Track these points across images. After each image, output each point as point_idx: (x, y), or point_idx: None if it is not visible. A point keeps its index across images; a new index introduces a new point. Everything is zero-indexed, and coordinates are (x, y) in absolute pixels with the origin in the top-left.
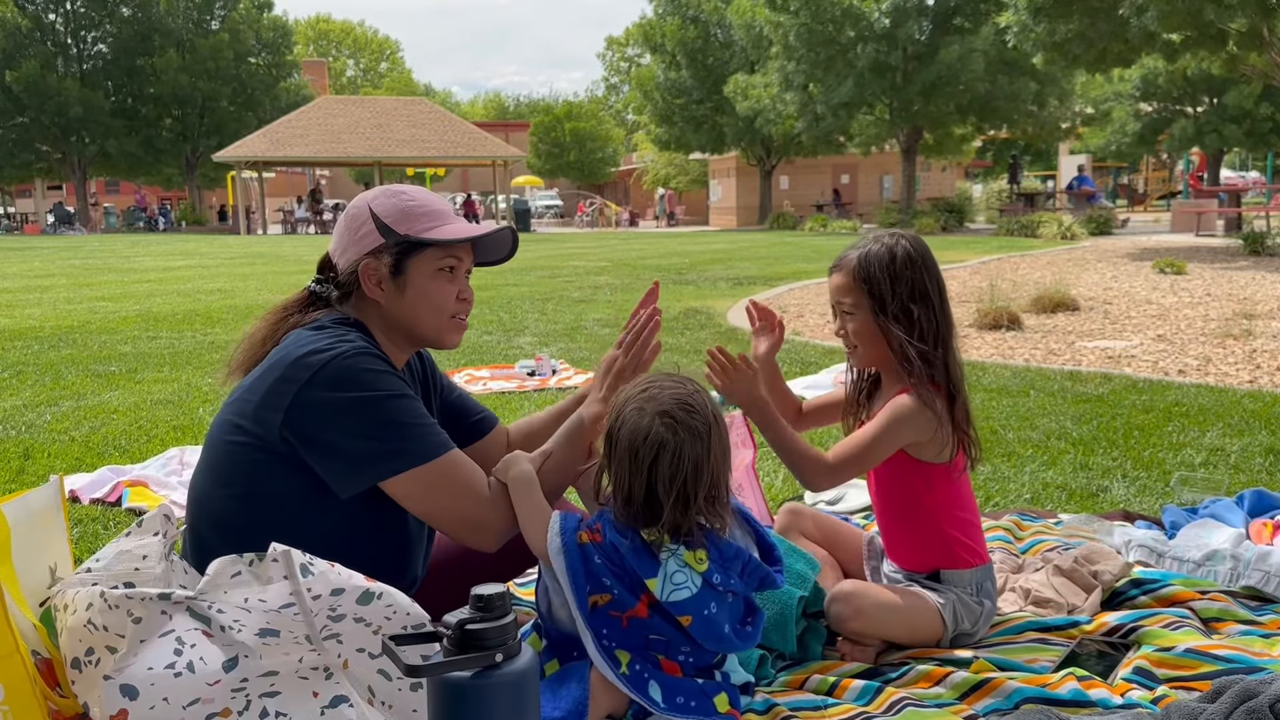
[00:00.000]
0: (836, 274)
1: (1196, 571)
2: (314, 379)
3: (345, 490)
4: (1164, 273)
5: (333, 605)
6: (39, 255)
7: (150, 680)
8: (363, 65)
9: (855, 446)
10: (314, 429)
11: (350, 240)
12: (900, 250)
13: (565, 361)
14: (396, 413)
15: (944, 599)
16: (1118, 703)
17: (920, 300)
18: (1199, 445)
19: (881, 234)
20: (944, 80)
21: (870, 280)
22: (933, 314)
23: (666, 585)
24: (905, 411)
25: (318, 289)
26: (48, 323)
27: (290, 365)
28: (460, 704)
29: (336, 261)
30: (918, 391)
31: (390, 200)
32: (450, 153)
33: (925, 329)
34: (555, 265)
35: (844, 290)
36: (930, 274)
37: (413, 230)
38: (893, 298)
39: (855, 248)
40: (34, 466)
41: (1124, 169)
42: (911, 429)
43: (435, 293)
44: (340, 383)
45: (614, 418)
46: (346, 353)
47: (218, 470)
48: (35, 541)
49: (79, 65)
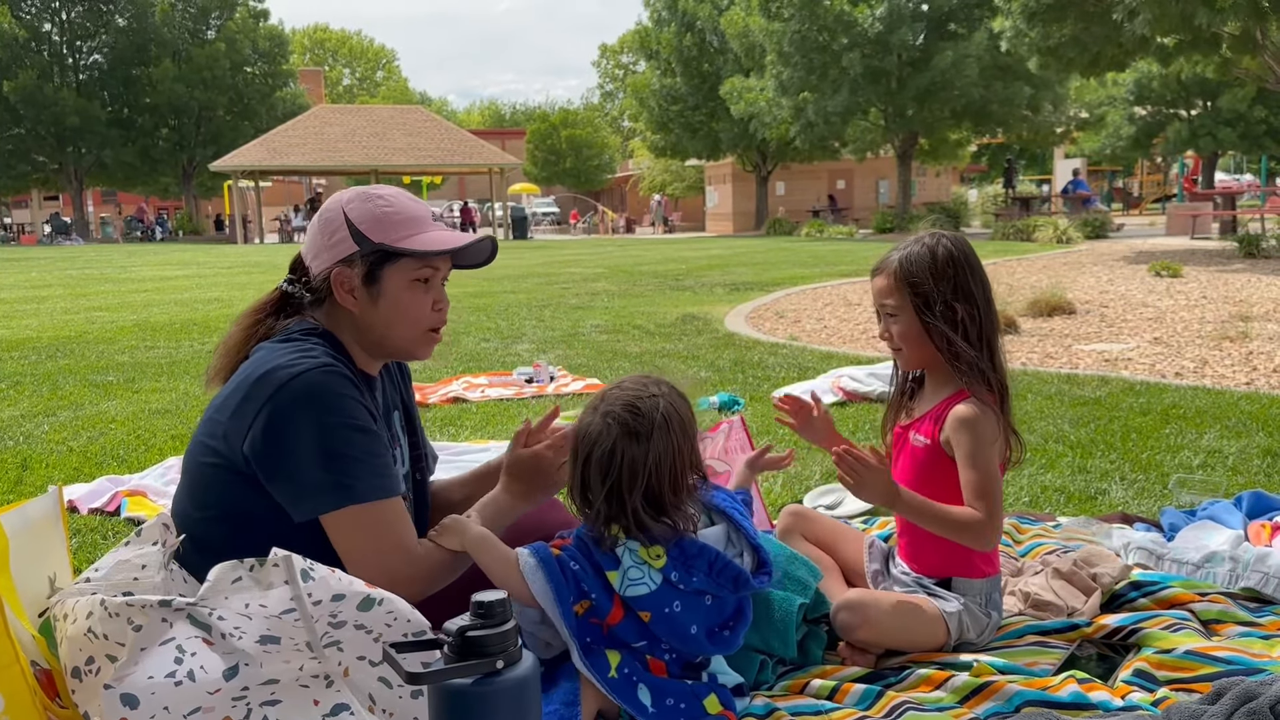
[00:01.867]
0: (879, 276)
1: (1195, 573)
2: (273, 398)
3: (296, 516)
4: (1160, 275)
5: (333, 611)
6: (36, 265)
7: (151, 689)
8: (359, 74)
9: (980, 485)
10: (267, 452)
11: (324, 245)
12: (942, 250)
13: (563, 368)
14: (347, 445)
15: (952, 608)
16: (1118, 705)
17: (964, 299)
18: (1197, 447)
19: (923, 235)
20: (938, 86)
21: (913, 281)
22: (977, 312)
23: (624, 580)
24: (979, 421)
25: (289, 289)
26: (45, 333)
27: (253, 384)
28: (462, 711)
29: (309, 264)
30: (976, 395)
31: (366, 205)
32: (447, 161)
33: (970, 328)
34: (552, 272)
35: (887, 292)
36: (974, 272)
37: (388, 239)
38: (937, 297)
39: (897, 249)
40: (32, 477)
41: (1119, 172)
42: (991, 433)
43: (410, 304)
44: (297, 405)
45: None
46: (308, 370)
47: (195, 492)
48: (34, 552)
49: (75, 75)
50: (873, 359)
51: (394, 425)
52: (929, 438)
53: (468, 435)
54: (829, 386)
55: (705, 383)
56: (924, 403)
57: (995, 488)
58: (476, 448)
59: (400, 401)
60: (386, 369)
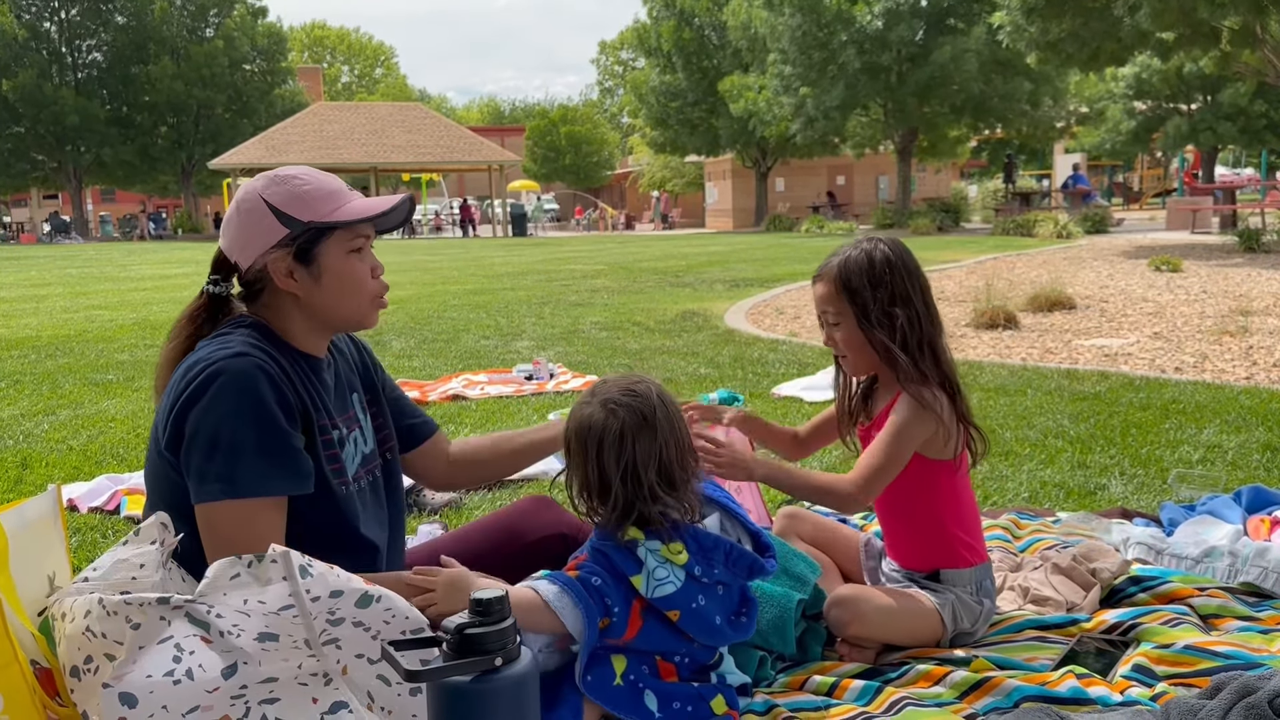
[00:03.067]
0: (819, 284)
1: (1195, 568)
2: (186, 390)
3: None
4: (1160, 270)
5: (331, 608)
6: (35, 264)
7: (149, 688)
8: (357, 71)
9: (874, 461)
10: (172, 439)
11: (249, 236)
12: (879, 255)
13: (563, 365)
14: (236, 437)
15: (943, 599)
16: (1117, 700)
17: (902, 303)
18: (1196, 442)
19: (860, 240)
20: (938, 81)
21: (851, 288)
22: (915, 316)
23: (650, 581)
24: (908, 415)
25: (214, 290)
26: (45, 332)
27: (179, 375)
28: (460, 708)
29: (235, 259)
30: (913, 392)
31: (283, 188)
32: (446, 158)
33: (910, 332)
34: (552, 269)
35: (827, 299)
36: (911, 276)
37: (316, 215)
38: (874, 303)
39: (835, 255)
40: (32, 476)
41: (1119, 167)
42: (919, 429)
43: (351, 275)
44: (200, 394)
45: (568, 420)
46: (218, 360)
47: (152, 496)
48: (33, 551)
49: (74, 74)
50: None
51: (351, 405)
52: None
53: (467, 432)
54: (828, 383)
55: (705, 379)
56: (880, 401)
57: (883, 469)
58: None
59: (360, 381)
60: (341, 351)
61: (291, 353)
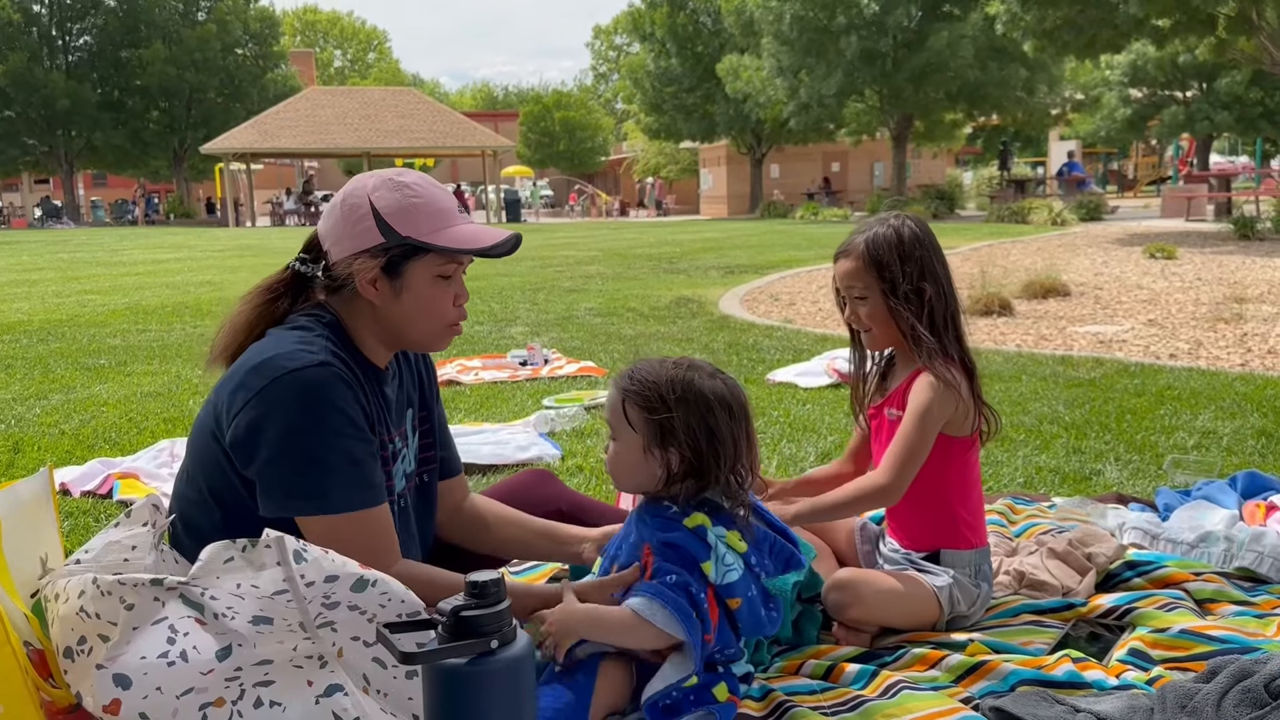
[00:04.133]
0: (844, 260)
1: (1190, 553)
2: (265, 390)
3: (263, 510)
4: (1154, 258)
5: (327, 592)
6: (27, 249)
7: (143, 669)
8: (350, 56)
9: (903, 447)
10: (248, 441)
11: (346, 233)
12: (907, 231)
13: (557, 351)
14: (327, 451)
15: (942, 581)
16: (1113, 683)
17: (930, 279)
18: (1191, 428)
19: (885, 216)
20: (934, 67)
21: (880, 263)
22: (942, 292)
23: (719, 567)
24: (932, 394)
25: (302, 269)
26: (36, 316)
27: (249, 371)
28: (456, 690)
29: (328, 249)
30: (934, 370)
31: (394, 195)
32: (440, 143)
33: (936, 307)
34: (546, 255)
35: (854, 275)
36: (936, 253)
37: (417, 233)
38: (903, 278)
39: (860, 232)
40: (24, 460)
41: (1114, 155)
42: (943, 408)
43: (433, 299)
44: (285, 401)
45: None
46: (304, 366)
47: (193, 471)
48: (26, 532)
49: (65, 57)
50: None
51: (405, 422)
52: (901, 410)
53: (462, 418)
54: (823, 369)
55: None
56: (896, 379)
57: (913, 454)
58: (470, 430)
59: (420, 399)
60: (408, 364)
61: (361, 360)
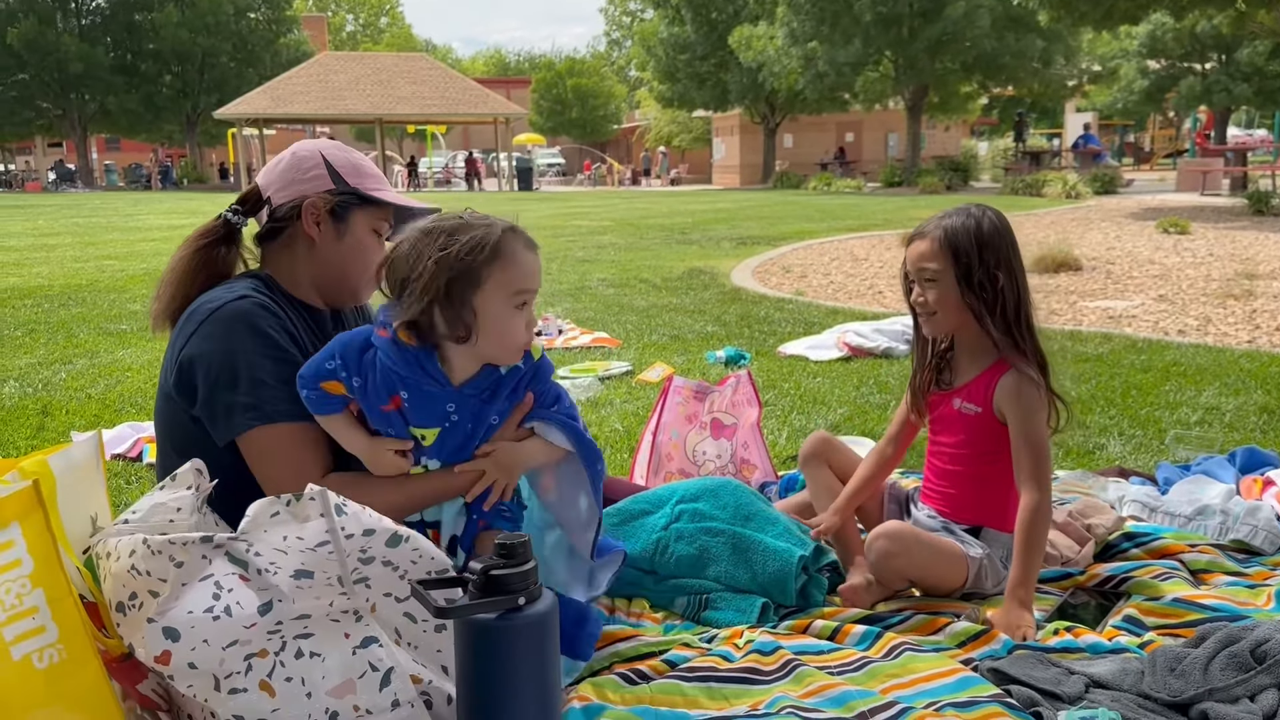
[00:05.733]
0: (921, 241)
1: (1188, 526)
2: (196, 331)
3: (218, 441)
4: (1167, 232)
5: (363, 546)
6: (42, 213)
7: (191, 623)
8: (362, 20)
9: (1030, 459)
10: (186, 379)
11: (295, 178)
12: (988, 222)
13: (571, 321)
14: (254, 369)
15: (976, 553)
16: (1107, 646)
17: (1006, 271)
18: (1195, 404)
19: (968, 207)
20: (950, 37)
21: (958, 247)
22: (1015, 286)
23: None
24: (1031, 397)
25: (231, 218)
26: (56, 281)
27: (181, 326)
28: (486, 644)
29: (269, 195)
30: (1018, 367)
31: (342, 154)
32: (452, 110)
33: (1009, 299)
34: (558, 225)
35: (929, 256)
36: (1014, 249)
37: (362, 186)
38: (979, 266)
39: (940, 216)
40: (53, 423)
41: (1130, 127)
42: (1042, 404)
43: (368, 249)
44: (214, 334)
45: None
46: (227, 302)
47: (164, 443)
48: (78, 492)
49: (78, 20)
50: (878, 314)
51: None
52: (980, 405)
53: None
54: (834, 342)
55: (712, 337)
56: (964, 370)
57: (1046, 461)
58: None
59: None
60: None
61: (295, 302)
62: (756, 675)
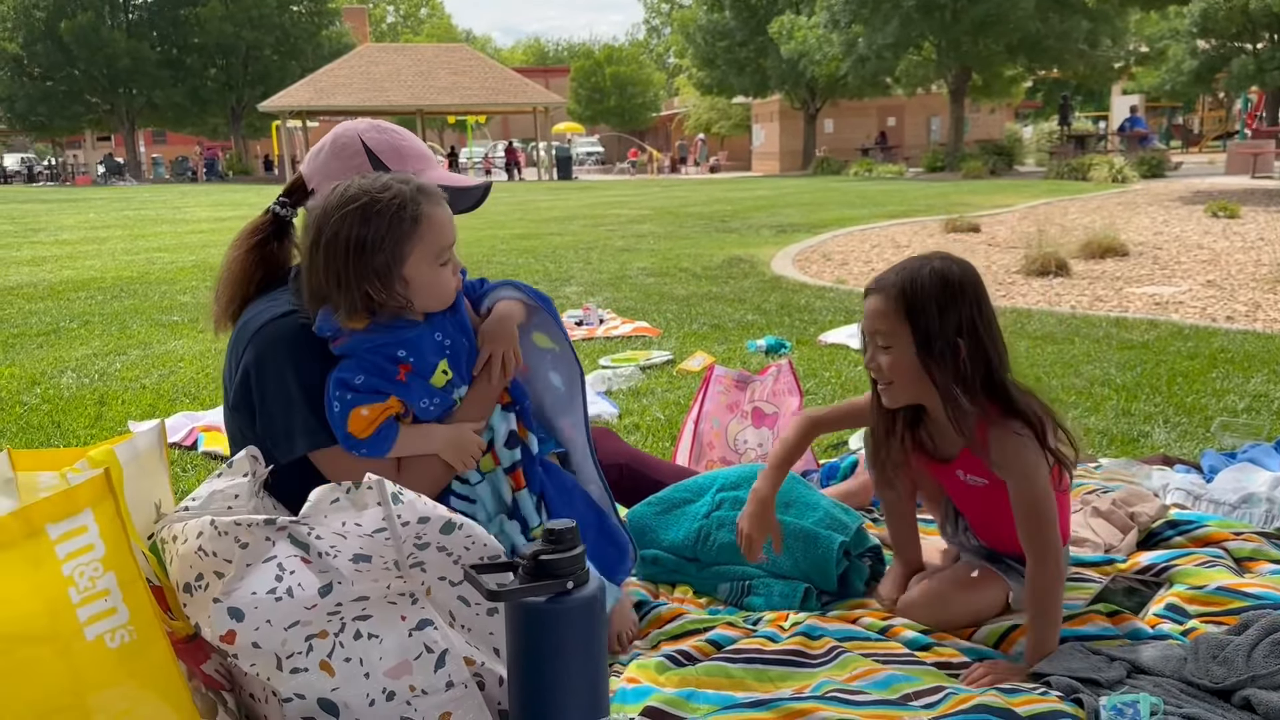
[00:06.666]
0: (874, 297)
1: (1232, 514)
2: (244, 353)
3: (279, 457)
4: (1217, 216)
5: (419, 533)
6: (93, 206)
7: (254, 604)
8: (402, 11)
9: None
10: (246, 396)
11: (338, 168)
12: (952, 275)
13: (612, 311)
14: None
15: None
16: (1150, 633)
17: (970, 337)
18: (1242, 391)
19: (930, 256)
20: (993, 19)
21: (914, 308)
22: (984, 351)
23: None
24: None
25: (280, 211)
26: (108, 273)
27: (238, 332)
28: (536, 625)
29: (313, 186)
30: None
31: (382, 136)
32: (492, 100)
33: (972, 368)
34: (598, 214)
35: (881, 316)
36: (982, 304)
37: (404, 168)
38: (939, 332)
39: (896, 269)
40: (110, 413)
41: (1178, 109)
42: (1035, 459)
43: None
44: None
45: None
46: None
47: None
48: (142, 480)
49: (125, 16)
50: None
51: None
52: (985, 477)
53: None
54: None
55: (752, 326)
56: (947, 439)
57: (1050, 527)
58: None
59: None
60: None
61: None
62: (803, 658)
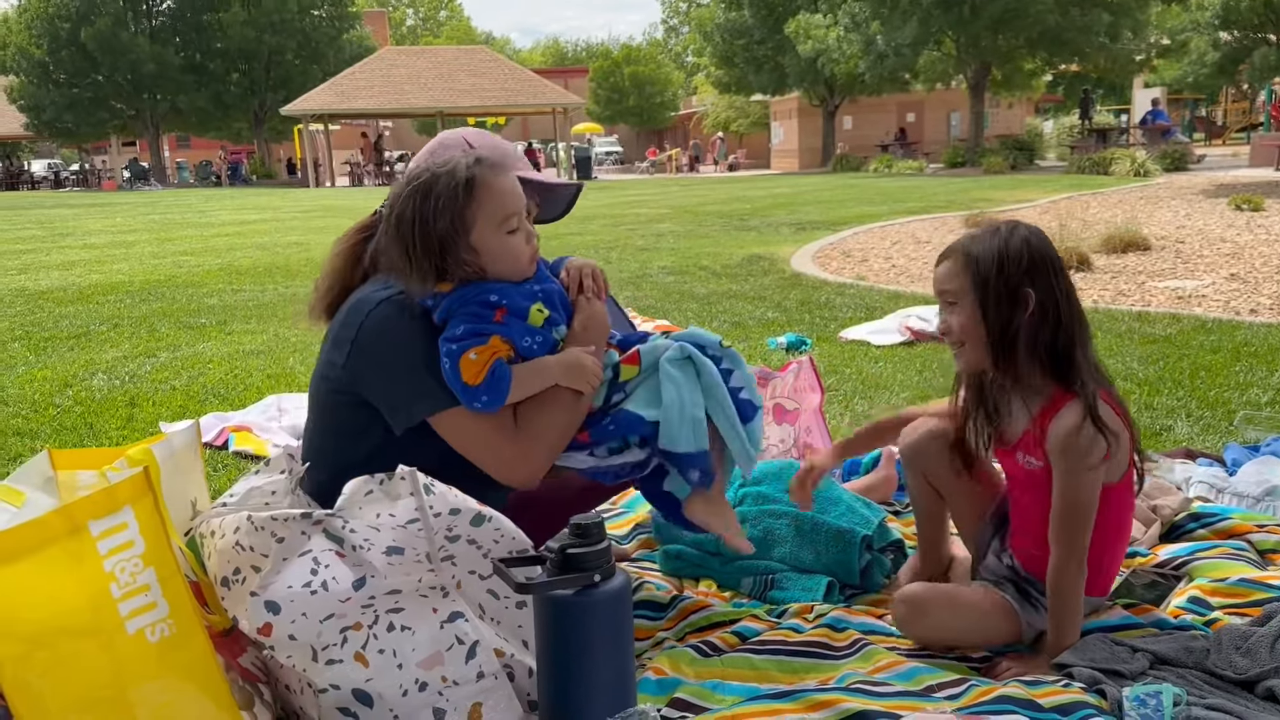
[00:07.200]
0: (943, 261)
1: (1255, 506)
2: (363, 324)
3: (397, 426)
4: (1240, 209)
5: (450, 525)
6: (119, 211)
7: (290, 597)
8: (422, 14)
9: (1060, 521)
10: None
11: None
12: (1017, 238)
13: (633, 310)
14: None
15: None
16: (1173, 623)
17: (1042, 292)
18: (1266, 385)
19: (997, 222)
20: (1013, 13)
21: (978, 265)
22: (1057, 311)
23: None
24: (1074, 441)
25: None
26: (136, 277)
27: (349, 310)
28: (564, 618)
29: None
30: (1082, 401)
31: (487, 139)
32: (511, 101)
33: (1044, 329)
34: (617, 214)
35: (946, 277)
36: (1052, 266)
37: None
38: (1004, 287)
39: (965, 234)
40: (141, 414)
41: (1201, 101)
42: (1097, 450)
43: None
44: (381, 329)
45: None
46: (379, 302)
47: (327, 425)
48: (178, 478)
49: (149, 22)
50: None
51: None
52: (1040, 460)
53: None
54: (897, 327)
55: (772, 323)
56: (1017, 417)
57: (1084, 529)
58: None
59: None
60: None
61: None
62: (827, 650)
